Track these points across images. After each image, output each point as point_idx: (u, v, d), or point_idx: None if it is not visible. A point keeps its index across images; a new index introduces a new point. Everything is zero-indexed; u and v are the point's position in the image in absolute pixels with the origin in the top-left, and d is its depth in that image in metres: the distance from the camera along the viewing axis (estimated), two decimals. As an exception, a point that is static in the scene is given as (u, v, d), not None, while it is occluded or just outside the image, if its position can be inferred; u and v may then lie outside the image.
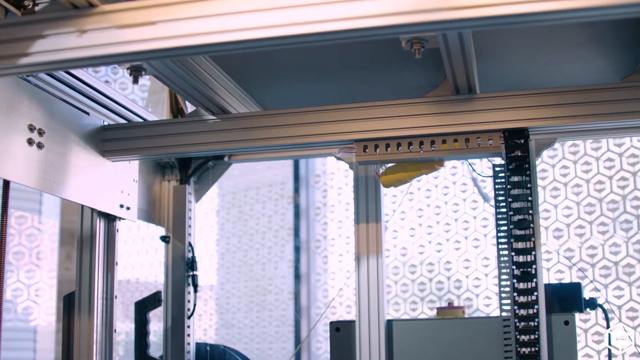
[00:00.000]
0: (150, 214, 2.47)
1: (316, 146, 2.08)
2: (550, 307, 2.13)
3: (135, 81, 1.78)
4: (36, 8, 1.47)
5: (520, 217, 1.95)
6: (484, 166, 3.11)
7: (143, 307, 2.43)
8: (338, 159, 2.14)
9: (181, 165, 2.49)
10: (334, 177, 4.35)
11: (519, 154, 1.95)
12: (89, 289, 2.15)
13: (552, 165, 3.69)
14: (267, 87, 2.26)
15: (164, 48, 1.40)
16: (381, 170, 2.11)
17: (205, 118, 2.10)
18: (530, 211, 1.95)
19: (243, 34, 1.37)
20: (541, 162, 3.69)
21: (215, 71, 2.03)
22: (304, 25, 1.35)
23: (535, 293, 1.95)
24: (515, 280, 1.95)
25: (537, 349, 1.95)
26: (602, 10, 1.31)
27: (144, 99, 3.77)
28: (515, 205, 1.96)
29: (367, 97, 2.11)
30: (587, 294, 2.26)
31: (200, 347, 2.51)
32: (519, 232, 1.95)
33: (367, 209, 2.21)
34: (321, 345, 4.14)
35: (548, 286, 2.15)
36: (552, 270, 3.64)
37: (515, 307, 1.96)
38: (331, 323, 2.23)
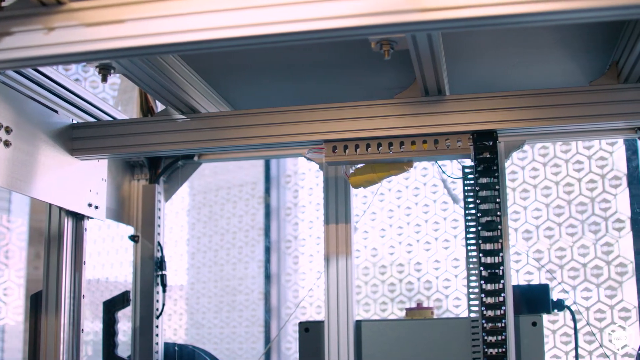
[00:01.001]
0: (119, 213, 2.45)
1: (286, 146, 2.08)
2: (519, 309, 2.14)
3: (104, 79, 1.77)
4: (3, 4, 1.46)
5: (488, 218, 1.96)
6: (455, 167, 3.13)
7: (111, 307, 2.42)
8: (308, 159, 2.14)
9: (151, 164, 2.48)
10: (305, 177, 4.35)
11: (488, 155, 1.96)
12: (56, 288, 2.13)
13: (522, 167, 3.71)
14: (237, 87, 2.25)
15: (133, 47, 1.40)
16: (351, 171, 2.11)
17: (175, 117, 2.09)
18: (498, 213, 1.96)
19: (212, 34, 1.37)
20: (511, 164, 3.71)
21: (184, 70, 2.02)
22: (273, 25, 1.35)
23: (502, 294, 1.96)
24: (482, 282, 1.96)
25: (504, 349, 1.96)
26: (570, 14, 1.32)
27: (115, 98, 3.75)
28: (483, 206, 1.97)
29: (338, 97, 2.11)
30: (555, 296, 2.28)
31: (168, 347, 2.50)
32: (486, 234, 1.96)
33: (337, 210, 2.21)
34: (291, 345, 4.14)
35: (516, 287, 2.17)
36: (521, 272, 3.66)
37: (483, 308, 1.97)
38: (300, 323, 2.23)
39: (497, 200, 1.96)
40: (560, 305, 2.27)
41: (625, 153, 3.53)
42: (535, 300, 2.23)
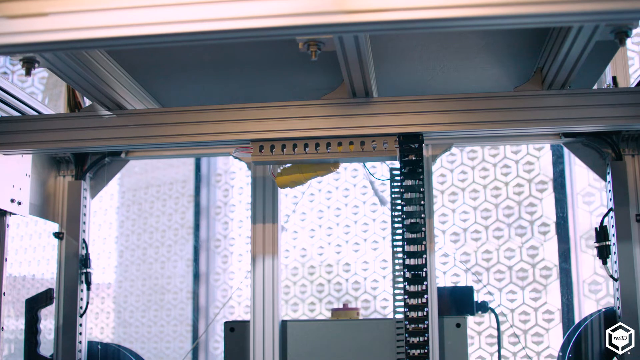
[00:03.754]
0: (43, 209, 2.41)
1: (213, 145, 2.07)
2: (444, 310, 2.17)
3: (28, 73, 1.74)
4: None
5: (413, 220, 1.98)
6: (385, 169, 3.15)
7: (34, 305, 2.38)
8: (235, 158, 2.13)
9: (77, 160, 2.44)
10: (236, 176, 4.34)
11: (413, 158, 1.97)
12: (-25, 285, 2.10)
13: (450, 170, 3.75)
14: (165, 84, 2.24)
15: (55, 41, 1.38)
16: (278, 171, 2.11)
17: (101, 113, 2.07)
18: (423, 215, 1.97)
19: (138, 30, 1.35)
20: (440, 167, 3.75)
21: (111, 66, 2.00)
22: (200, 22, 1.35)
23: (425, 296, 1.98)
24: (406, 283, 1.98)
25: (426, 350, 1.98)
26: (495, 20, 1.34)
27: (43, 92, 3.70)
28: (408, 208, 1.98)
29: (267, 97, 2.11)
30: (481, 298, 2.30)
31: (92, 345, 2.47)
32: (410, 236, 1.98)
33: (264, 210, 2.21)
34: (219, 345, 4.12)
35: (441, 289, 2.19)
36: (449, 274, 3.69)
37: (406, 310, 1.98)
38: (225, 323, 2.22)
39: (422, 202, 1.98)
40: (484, 307, 2.29)
41: (552, 158, 3.59)
42: (460, 302, 2.25)
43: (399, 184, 2.00)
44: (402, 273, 1.99)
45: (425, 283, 1.97)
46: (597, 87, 2.26)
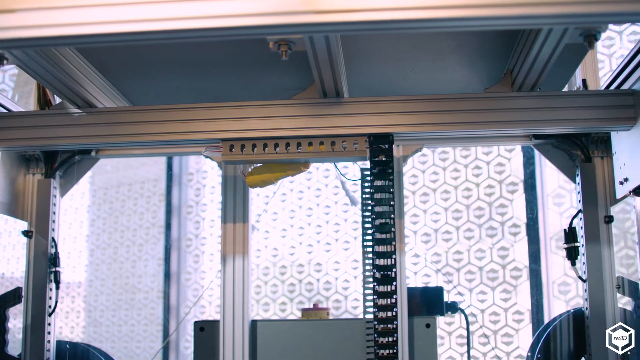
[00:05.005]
0: (12, 207, 2.40)
1: (183, 144, 2.07)
2: (414, 310, 2.17)
3: (-4, 70, 1.73)
4: None
5: (383, 220, 1.98)
6: (357, 169, 3.15)
7: (2, 304, 2.36)
8: (206, 157, 2.13)
9: (47, 158, 2.43)
10: (207, 175, 4.33)
11: (383, 158, 1.98)
12: (-58, 284, 2.08)
13: (422, 171, 3.76)
14: (136, 83, 2.23)
15: (24, 37, 1.37)
16: (248, 170, 2.11)
17: (71, 111, 2.06)
18: (392, 215, 1.98)
19: (107, 27, 1.35)
20: (412, 168, 3.76)
21: (81, 64, 1.98)
22: (170, 21, 1.34)
23: (395, 296, 1.98)
24: (375, 284, 1.98)
25: (395, 351, 1.98)
26: (464, 22, 1.35)
27: (13, 90, 3.67)
28: (378, 209, 1.99)
29: (238, 96, 2.11)
30: (451, 298, 2.31)
31: (61, 345, 2.45)
32: (380, 236, 1.98)
33: (235, 209, 2.21)
34: (189, 344, 4.10)
35: (411, 290, 2.20)
36: (420, 274, 3.70)
37: (375, 310, 1.99)
38: (195, 322, 2.22)
39: (392, 203, 1.98)
40: (454, 307, 2.30)
41: (522, 159, 3.61)
42: (430, 303, 2.26)
43: (369, 184, 2.00)
44: (372, 273, 2.00)
45: (394, 283, 1.98)
46: (567, 89, 2.27)
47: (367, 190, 2.01)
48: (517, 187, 3.61)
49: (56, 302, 2.41)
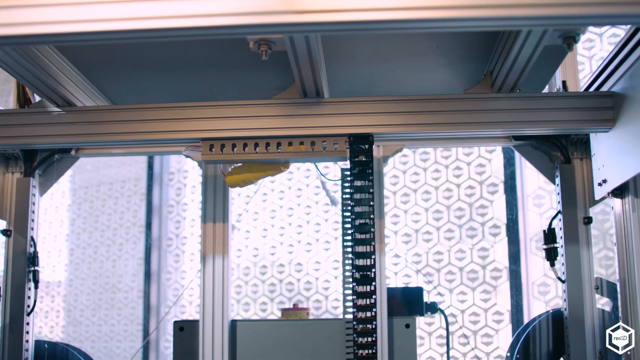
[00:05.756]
0: (-10, 206, 2.39)
1: (163, 143, 2.06)
2: (394, 311, 2.17)
3: (-26, 68, 1.72)
4: None
5: (362, 221, 1.98)
6: (338, 169, 3.16)
7: (-21, 303, 2.35)
8: (186, 156, 2.12)
9: (26, 157, 2.41)
10: (188, 175, 4.32)
11: (363, 158, 1.98)
12: None
13: (403, 172, 3.76)
14: (116, 82, 2.22)
15: (3, 35, 1.36)
16: (228, 170, 2.10)
17: (50, 110, 2.05)
18: (372, 215, 1.98)
19: (86, 26, 1.34)
20: (392, 168, 3.76)
21: (61, 62, 1.98)
22: (149, 20, 1.34)
23: (374, 296, 1.98)
24: (354, 284, 1.98)
25: (374, 351, 1.98)
26: (444, 23, 1.35)
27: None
28: (357, 209, 1.98)
29: (218, 96, 2.10)
30: (432, 299, 2.32)
31: (39, 345, 2.44)
32: (360, 236, 1.98)
33: (215, 209, 2.20)
34: (169, 344, 4.10)
35: (391, 290, 2.20)
36: (400, 275, 3.71)
37: (355, 310, 1.99)
38: (175, 322, 2.21)
39: (371, 203, 1.98)
40: (433, 308, 2.30)
41: (503, 160, 3.62)
42: (409, 303, 2.26)
43: (349, 184, 2.00)
44: (351, 273, 2.00)
45: (373, 284, 1.98)
46: (547, 90, 2.28)
47: (347, 190, 2.00)
48: (497, 188, 3.62)
49: (35, 301, 2.40)
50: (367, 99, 1.95)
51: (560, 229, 2.23)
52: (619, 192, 2.04)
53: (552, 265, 2.25)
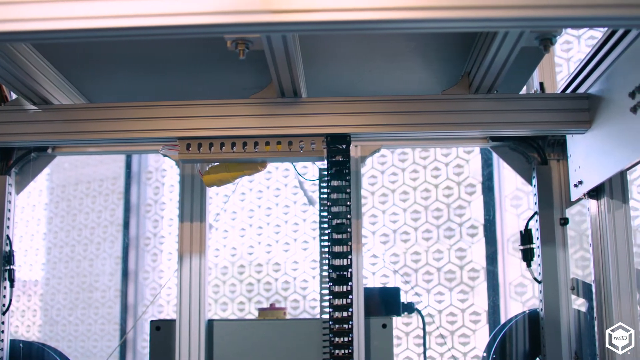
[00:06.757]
0: (-34, 204, 2.37)
1: (140, 142, 2.06)
2: (371, 311, 2.17)
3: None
4: None
5: (339, 221, 1.98)
6: (316, 169, 3.16)
7: (-46, 302, 2.33)
8: (163, 155, 2.11)
9: (2, 155, 2.40)
10: (167, 174, 4.31)
11: (340, 159, 1.98)
12: None
13: (381, 172, 3.77)
14: (93, 80, 2.21)
15: (-23, 33, 1.35)
16: (206, 169, 2.10)
17: (26, 107, 2.04)
18: (349, 215, 1.98)
19: (62, 23, 1.33)
20: (371, 169, 3.77)
21: (37, 60, 1.96)
22: (127, 18, 1.33)
23: (350, 296, 1.98)
24: (331, 284, 1.98)
25: (350, 351, 1.98)
26: (422, 24, 1.35)
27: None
28: (334, 209, 1.98)
29: (196, 95, 2.10)
30: (409, 299, 2.32)
31: (15, 344, 2.43)
32: (336, 236, 1.98)
33: (192, 208, 2.20)
34: (147, 344, 4.09)
35: (368, 290, 2.20)
36: (378, 275, 3.71)
37: (331, 310, 1.99)
38: (151, 322, 2.21)
39: (348, 203, 1.98)
40: (410, 308, 2.31)
41: (481, 161, 3.63)
42: (386, 303, 2.26)
43: (326, 184, 2.00)
44: (328, 273, 2.00)
45: (350, 284, 1.98)
46: (525, 92, 2.29)
47: (324, 190, 2.00)
48: (475, 188, 3.64)
49: (10, 300, 2.38)
50: (345, 99, 1.96)
51: (537, 229, 2.24)
52: (595, 193, 2.06)
53: (529, 265, 2.26)
